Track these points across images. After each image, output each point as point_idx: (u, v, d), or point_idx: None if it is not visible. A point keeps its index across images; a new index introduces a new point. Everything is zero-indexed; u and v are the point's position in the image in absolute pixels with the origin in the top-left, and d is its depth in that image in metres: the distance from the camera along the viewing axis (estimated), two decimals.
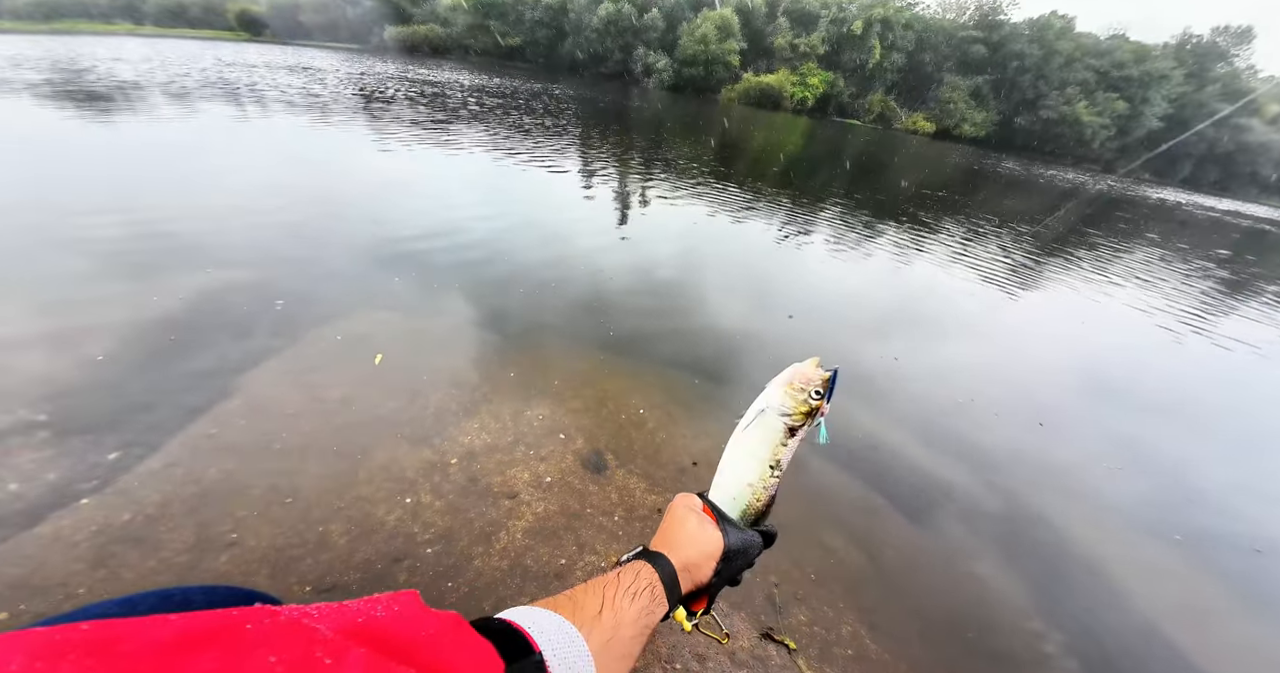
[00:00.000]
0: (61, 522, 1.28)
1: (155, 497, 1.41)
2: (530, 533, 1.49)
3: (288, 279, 2.78)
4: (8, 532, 1.24)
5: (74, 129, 5.70)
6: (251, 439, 1.67)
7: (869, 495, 1.97)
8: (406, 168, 5.56)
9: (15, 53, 13.85)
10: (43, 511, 1.30)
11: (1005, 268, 5.41)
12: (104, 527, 1.28)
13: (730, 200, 6.21)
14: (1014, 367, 3.32)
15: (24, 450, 1.47)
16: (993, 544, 1.88)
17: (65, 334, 2.06)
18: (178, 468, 1.51)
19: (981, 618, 1.58)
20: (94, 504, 1.34)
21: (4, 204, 3.35)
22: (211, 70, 13.14)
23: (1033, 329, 4.00)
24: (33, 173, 4.07)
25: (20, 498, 1.33)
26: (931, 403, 2.66)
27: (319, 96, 10.17)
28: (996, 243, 6.50)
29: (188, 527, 1.33)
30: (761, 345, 2.94)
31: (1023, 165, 24.51)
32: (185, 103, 8.10)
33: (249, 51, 23.08)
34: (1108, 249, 7.48)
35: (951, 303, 4.22)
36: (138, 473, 1.47)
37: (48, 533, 1.25)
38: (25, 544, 1.21)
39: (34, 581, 1.14)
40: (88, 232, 3.06)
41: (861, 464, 2.11)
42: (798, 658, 1.34)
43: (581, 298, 3.12)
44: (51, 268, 2.59)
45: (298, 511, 1.45)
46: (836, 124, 32.66)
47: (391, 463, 1.68)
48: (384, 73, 17.79)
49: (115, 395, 1.77)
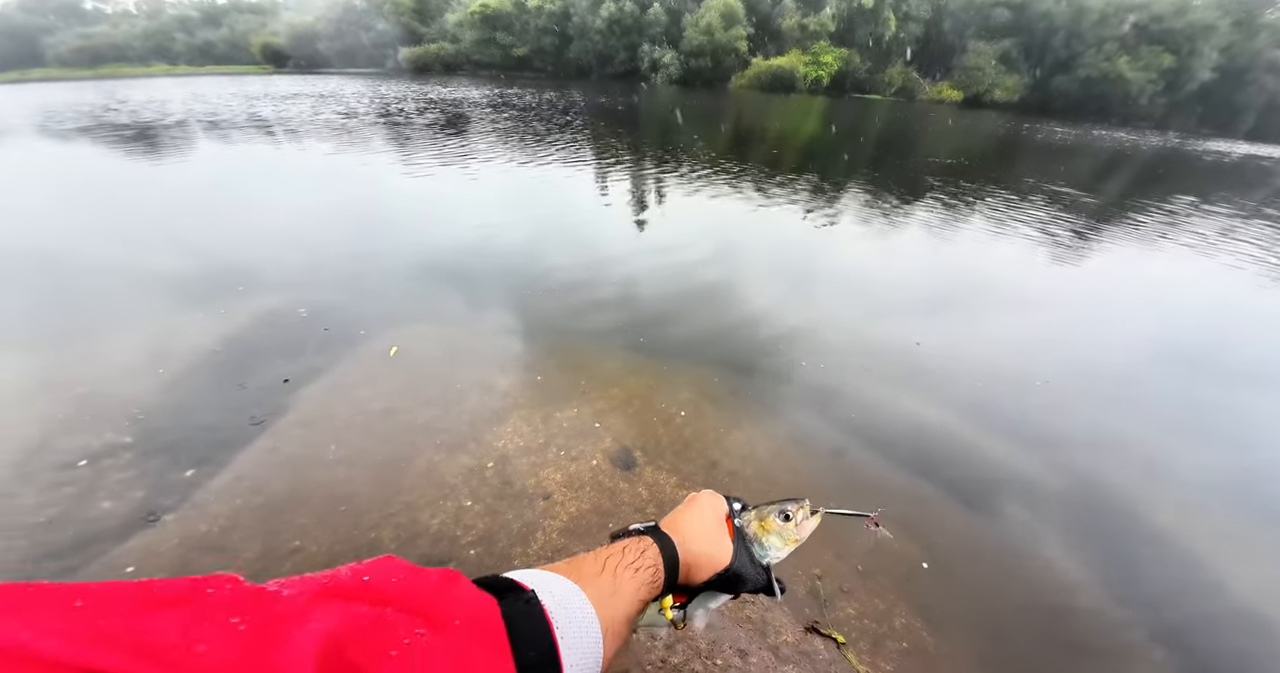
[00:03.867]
0: (149, 536, 1.40)
1: (227, 509, 1.52)
2: (565, 532, 1.54)
3: (330, 300, 2.93)
4: (105, 546, 1.37)
5: (134, 168, 6.07)
6: (307, 452, 1.78)
7: (917, 483, 1.89)
8: (433, 187, 5.71)
9: (73, 99, 14.77)
10: (133, 526, 1.43)
11: (1060, 236, 5.05)
12: (184, 538, 1.40)
13: (748, 191, 6.11)
14: (1081, 340, 3.06)
15: (114, 471, 1.61)
16: (1062, 528, 1.74)
17: (141, 362, 2.22)
18: (244, 481, 1.62)
19: (1053, 606, 1.49)
20: (175, 519, 1.47)
21: (77, 242, 3.61)
22: (243, 106, 13.72)
23: (1099, 299, 3.72)
24: (96, 212, 4.37)
25: (113, 515, 1.46)
26: (983, 383, 2.53)
27: (344, 124, 10.50)
28: (1046, 211, 6.08)
29: (257, 536, 1.44)
30: (789, 338, 2.88)
31: (1067, 128, 22.66)
32: (225, 139, 8.50)
33: (275, 84, 23.97)
34: (1173, 210, 6.84)
35: (998, 278, 3.99)
36: (211, 488, 1.59)
37: (139, 546, 1.37)
38: (120, 557, 1.34)
39: None
40: (153, 262, 3.29)
41: (906, 451, 2.03)
42: (847, 652, 1.30)
43: (603, 299, 3.16)
44: (124, 300, 2.80)
45: (351, 517, 1.54)
46: (855, 101, 31.34)
47: (432, 469, 1.76)
48: (400, 94, 18.21)
49: (187, 416, 1.91)
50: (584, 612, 0.37)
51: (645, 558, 0.47)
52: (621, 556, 0.45)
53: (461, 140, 8.65)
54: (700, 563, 0.52)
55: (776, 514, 0.57)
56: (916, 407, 2.32)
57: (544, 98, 18.38)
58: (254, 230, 4.07)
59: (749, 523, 0.58)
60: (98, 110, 12.49)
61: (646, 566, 0.46)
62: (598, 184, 6.08)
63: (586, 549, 1.44)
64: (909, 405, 2.32)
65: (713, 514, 0.56)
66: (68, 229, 4.00)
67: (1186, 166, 13.11)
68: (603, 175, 6.50)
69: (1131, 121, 37.79)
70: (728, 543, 0.54)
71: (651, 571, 0.47)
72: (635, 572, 0.44)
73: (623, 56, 44.44)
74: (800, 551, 0.56)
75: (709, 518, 0.56)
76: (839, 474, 1.92)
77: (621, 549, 0.46)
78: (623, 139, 9.65)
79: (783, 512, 0.57)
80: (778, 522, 0.56)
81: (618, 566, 0.44)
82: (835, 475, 1.91)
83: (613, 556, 0.45)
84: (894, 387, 2.45)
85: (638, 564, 0.45)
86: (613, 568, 0.43)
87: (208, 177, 5.94)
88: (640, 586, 0.44)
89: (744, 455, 1.93)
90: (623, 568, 0.44)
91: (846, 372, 2.53)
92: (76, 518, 1.44)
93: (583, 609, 0.37)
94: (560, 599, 0.37)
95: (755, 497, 0.61)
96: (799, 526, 0.57)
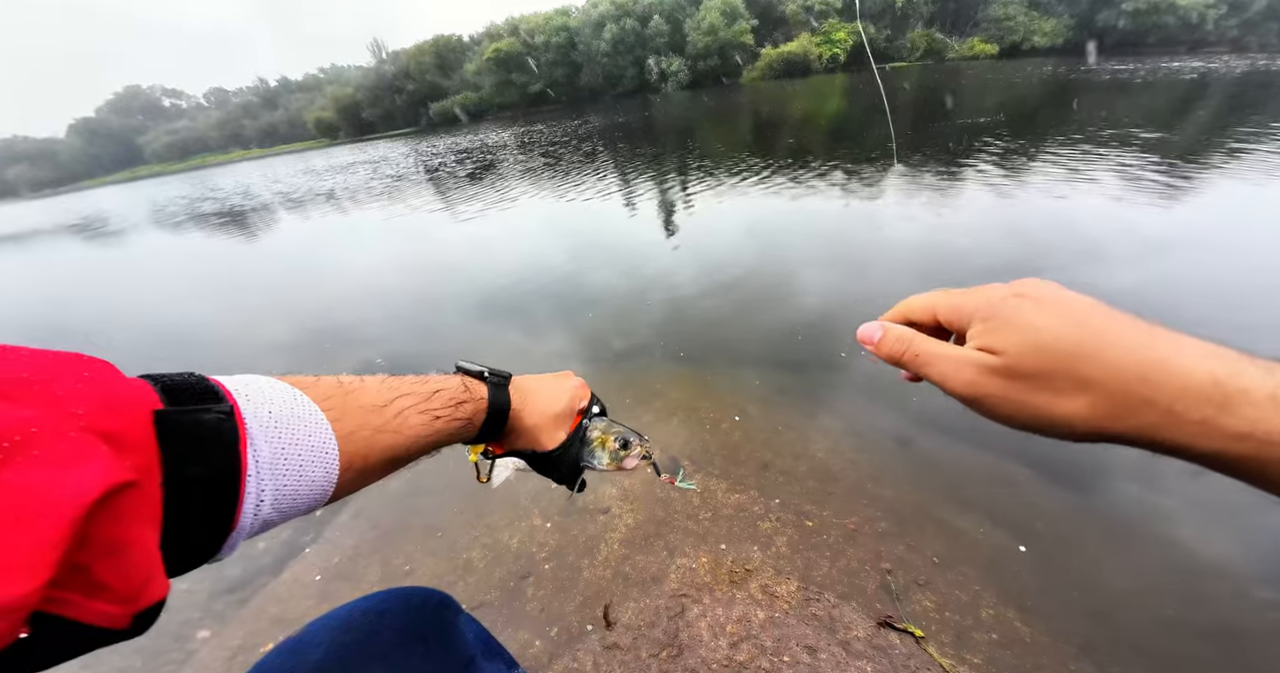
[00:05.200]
0: (295, 568, 1.68)
1: (350, 541, 1.78)
2: (625, 543, 1.68)
3: (402, 348, 3.27)
4: (265, 579, 1.65)
5: (234, 250, 6.93)
6: (406, 486, 2.03)
7: (1002, 465, 1.74)
8: (481, 230, 6.11)
9: (175, 193, 16.85)
10: (283, 560, 1.71)
11: (1150, 180, 4.56)
12: (323, 569, 1.67)
13: (779, 184, 5.97)
14: (1212, 291, 2.69)
15: None
16: (1189, 505, 1.54)
17: None
18: (361, 517, 1.89)
19: (1181, 589, 1.33)
20: (314, 552, 1.74)
21: (194, 330, 4.22)
22: (311, 182, 15.15)
23: (1220, 243, 3.27)
24: (208, 291, 5.06)
25: (268, 552, 1.76)
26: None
27: (396, 185, 11.39)
28: (1124, 156, 5.50)
29: (375, 563, 1.68)
30: (839, 329, 2.78)
31: (1130, 64, 20.04)
32: (302, 213, 9.46)
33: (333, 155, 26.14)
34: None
35: (1085, 235, 3.59)
36: (336, 524, 1.87)
37: (289, 578, 1.65)
38: (277, 588, 1.62)
39: (285, 616, 1.53)
40: (264, 332, 3.79)
41: (987, 432, 1.78)
42: (927, 645, 1.23)
43: (643, 315, 3.27)
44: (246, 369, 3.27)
45: (447, 542, 1.75)
46: (879, 72, 29.62)
47: (507, 494, 1.96)
48: (437, 149, 19.39)
49: None
50: (315, 441, 0.31)
51: (459, 411, 0.43)
52: (426, 401, 0.40)
53: (499, 183, 9.16)
54: (525, 436, 0.52)
55: (618, 438, 0.57)
56: None
57: (565, 128, 18.94)
58: (332, 294, 4.57)
59: (593, 429, 0.58)
60: (196, 201, 14.17)
61: (453, 417, 0.42)
62: (628, 204, 6.24)
63: (645, 558, 1.55)
64: None
65: (567, 403, 0.55)
66: (186, 320, 4.65)
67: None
68: (631, 194, 6.67)
69: (1202, 48, 33.33)
70: (561, 435, 0.53)
71: (460, 424, 0.43)
72: (432, 420, 0.40)
73: (631, 73, 44.94)
74: (861, 542, 0.60)
75: (560, 404, 0.54)
76: (907, 462, 1.83)
77: (430, 393, 0.41)
78: (644, 155, 9.79)
79: (625, 440, 0.57)
80: (615, 444, 0.57)
81: (409, 408, 0.39)
82: (902, 463, 1.82)
83: (412, 397, 0.40)
84: None
85: (440, 413, 0.41)
86: (401, 408, 0.38)
87: (293, 250, 6.68)
88: (433, 433, 0.40)
89: (797, 453, 1.93)
90: (415, 412, 0.39)
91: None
92: (242, 556, 1.75)
93: (315, 437, 0.31)
94: (280, 419, 0.30)
95: (809, 492, 0.62)
96: (628, 458, 0.57)
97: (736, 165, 7.58)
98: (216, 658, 1.42)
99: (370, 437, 0.35)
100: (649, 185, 7.15)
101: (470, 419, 0.45)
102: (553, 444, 0.52)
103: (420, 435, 0.39)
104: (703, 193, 6.27)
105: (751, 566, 1.52)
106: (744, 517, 1.69)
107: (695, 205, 5.74)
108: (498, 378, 0.52)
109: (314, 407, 0.33)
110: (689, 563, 1.59)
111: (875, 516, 1.63)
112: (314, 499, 0.32)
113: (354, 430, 0.34)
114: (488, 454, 0.55)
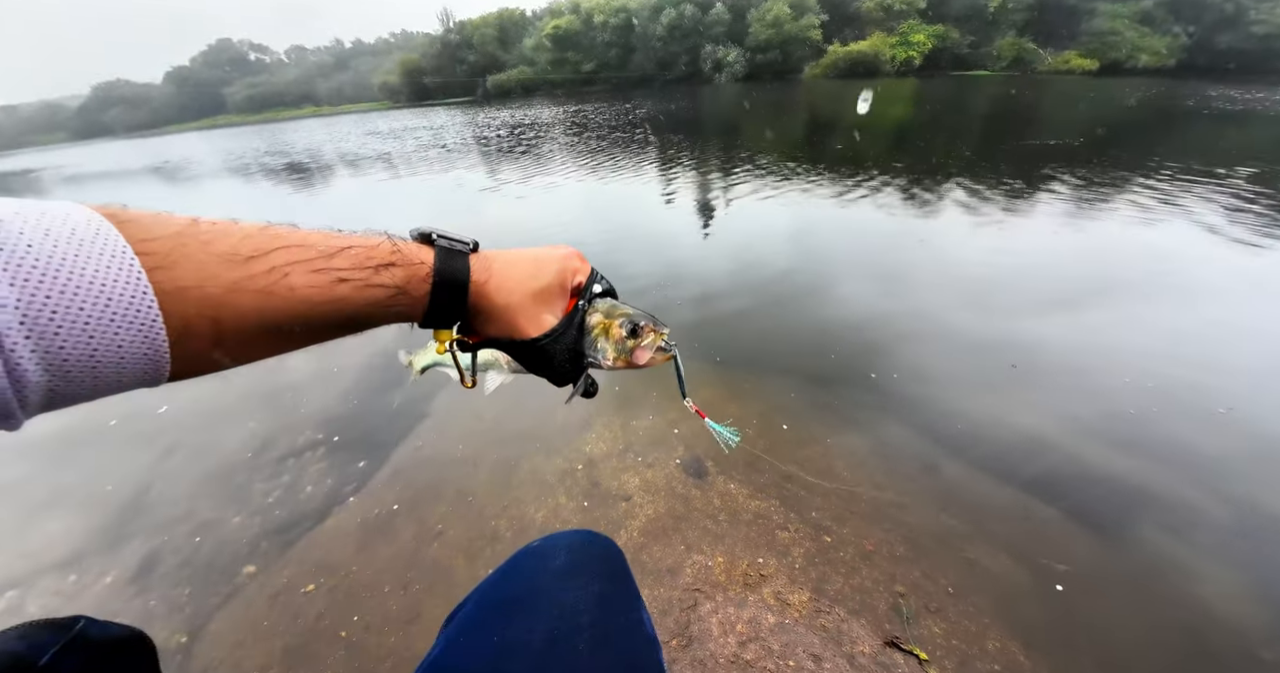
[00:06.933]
0: (339, 516, 1.73)
1: (389, 496, 1.83)
2: (644, 532, 1.67)
3: None
4: (311, 523, 1.71)
5: (293, 198, 7.09)
6: (441, 451, 2.06)
7: (1029, 503, 1.68)
8: (519, 210, 6.08)
9: (249, 145, 17.29)
10: (328, 507, 1.77)
11: (1247, 219, 4.12)
12: (363, 520, 1.71)
13: (829, 188, 5.66)
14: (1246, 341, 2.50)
15: (313, 462, 1.99)
16: (1216, 561, 1.49)
17: (323, 377, 2.67)
18: (400, 475, 1.93)
19: (1192, 648, 1.29)
20: (355, 503, 1.79)
21: None
22: (374, 142, 15.27)
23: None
24: None
25: (314, 498, 1.81)
26: (1115, 394, 2.16)
27: (448, 150, 11.38)
28: (1226, 193, 4.83)
29: (411, 520, 1.72)
30: (877, 346, 2.64)
31: (1252, 92, 17.02)
32: (358, 169, 9.57)
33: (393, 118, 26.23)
34: None
35: (1162, 271, 3.29)
36: (378, 478, 1.91)
37: (331, 525, 1.70)
38: (320, 534, 1.67)
39: (327, 560, 1.58)
40: None
41: (1021, 470, 1.79)
42: (930, 669, 1.23)
43: (677, 312, 3.18)
44: None
45: (476, 508, 1.78)
46: (956, 79, 26.43)
47: (535, 470, 1.97)
48: (491, 121, 19.23)
49: (358, 420, 2.29)
50: (110, 290, 0.23)
51: (379, 275, 0.33)
52: (325, 258, 0.31)
53: (547, 162, 9.05)
54: (498, 319, 0.39)
55: (625, 323, 0.43)
56: (1033, 420, 2.04)
57: (616, 111, 18.50)
58: None
59: (594, 313, 0.44)
60: (266, 155, 14.50)
61: (369, 283, 0.32)
62: (671, 195, 6.08)
63: (662, 549, 1.53)
64: (1026, 419, 2.04)
65: (553, 276, 0.41)
66: None
67: None
68: (675, 186, 6.50)
69: None
70: (548, 318, 0.41)
71: (385, 294, 0.33)
72: (334, 283, 0.31)
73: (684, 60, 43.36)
74: (877, 563, 0.55)
75: (543, 278, 0.41)
76: (932, 490, 1.76)
77: (335, 250, 0.31)
78: (692, 147, 9.49)
79: (633, 325, 0.43)
80: (621, 331, 0.43)
81: (293, 264, 0.29)
82: (927, 491, 1.75)
83: (301, 250, 0.30)
84: (1004, 396, 2.18)
85: (349, 275, 0.31)
86: (278, 263, 0.29)
87: (349, 205, 6.78)
88: (336, 299, 0.31)
89: (821, 469, 1.87)
90: (306, 271, 0.30)
91: (946, 379, 2.32)
92: (290, 501, 1.81)
93: (111, 285, 0.24)
94: (47, 255, 0.22)
95: (830, 508, 0.59)
96: (639, 349, 0.43)
97: (788, 160, 7.26)
98: (260, 596, 1.48)
99: (222, 297, 0.27)
100: (696, 177, 6.93)
101: (403, 288, 0.34)
102: (536, 330, 0.39)
103: (314, 301, 0.30)
104: (752, 190, 6.04)
105: (766, 571, 1.49)
106: (762, 524, 1.65)
107: (738, 203, 5.55)
108: (452, 242, 0.38)
109: (121, 246, 0.24)
110: (705, 560, 1.57)
111: (894, 539, 1.57)
112: (136, 369, 0.25)
113: (192, 285, 0.26)
114: (464, 346, 0.42)
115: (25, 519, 1.86)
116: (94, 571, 1.61)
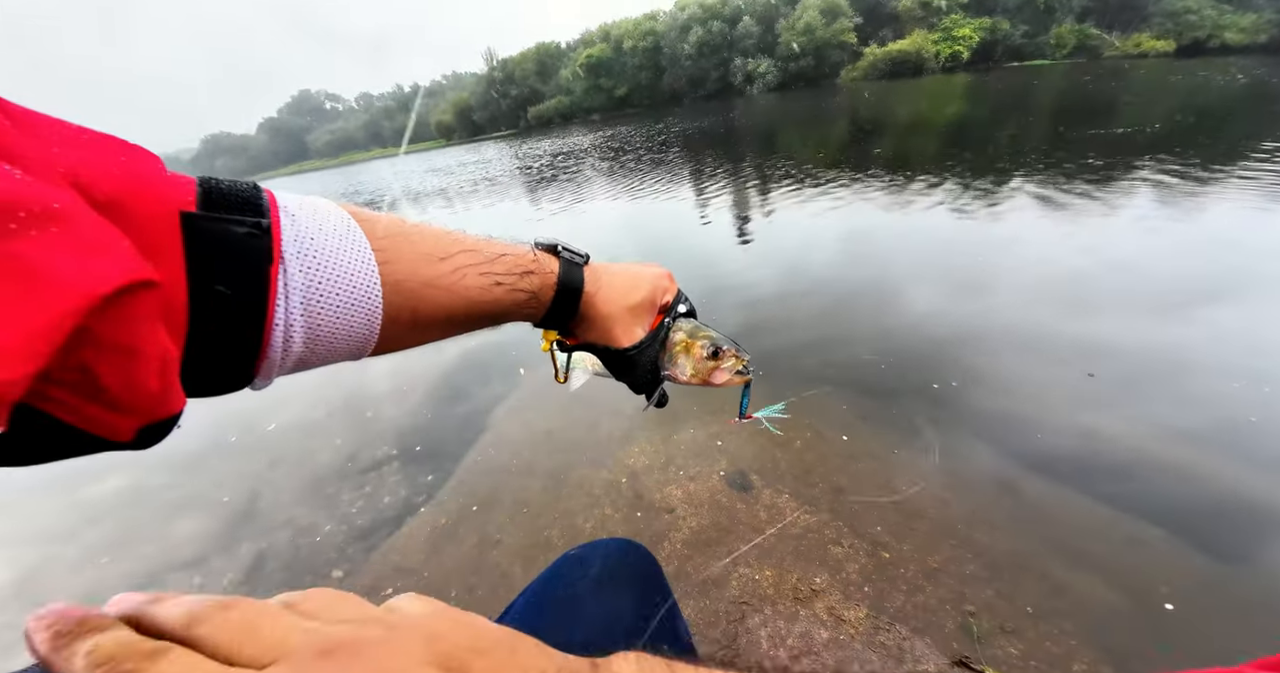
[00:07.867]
0: (412, 524, 1.88)
1: (454, 506, 1.96)
2: (687, 544, 1.68)
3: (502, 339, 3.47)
4: (390, 529, 1.87)
5: None
6: (499, 463, 2.18)
7: (1130, 522, 1.52)
8: (568, 230, 6.34)
9: (330, 186, 19.22)
10: (403, 516, 1.92)
11: None
12: (433, 528, 1.85)
13: (876, 192, 5.39)
14: None
15: (389, 475, 2.18)
16: None
17: (398, 392, 2.91)
18: (464, 485, 2.06)
19: None
20: (426, 512, 1.94)
21: None
22: (433, 180, 16.51)
23: None
24: None
25: (391, 508, 1.98)
26: (1228, 401, 1.90)
27: (498, 182, 12.09)
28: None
29: (474, 529, 1.83)
30: (937, 355, 2.45)
31: None
32: (419, 204, 10.37)
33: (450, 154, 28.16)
34: None
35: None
36: (446, 489, 2.05)
37: (405, 532, 1.85)
38: (397, 541, 1.82)
39: (403, 565, 1.72)
40: None
41: (1116, 484, 1.61)
42: None
43: (721, 324, 3.22)
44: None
45: (531, 518, 1.86)
46: (1012, 71, 24.15)
47: (583, 481, 2.03)
48: (533, 152, 20.21)
49: (427, 434, 2.47)
50: (357, 281, 0.27)
51: (523, 281, 0.37)
52: (489, 263, 0.35)
53: (587, 185, 9.38)
54: (598, 327, 0.43)
55: (708, 345, 0.46)
56: (1126, 430, 1.82)
57: (648, 131, 18.85)
58: None
59: (677, 331, 0.47)
60: (347, 194, 16.03)
61: (515, 287, 0.36)
62: (708, 211, 6.09)
63: (706, 561, 1.53)
64: (1115, 430, 1.83)
65: (647, 293, 0.45)
66: None
67: None
68: (712, 202, 6.50)
69: None
70: (638, 331, 0.44)
71: (523, 297, 0.37)
72: (492, 285, 0.35)
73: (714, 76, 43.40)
74: (943, 581, 0.51)
75: (639, 294, 0.44)
76: (1009, 507, 1.60)
77: (495, 256, 0.36)
78: (725, 162, 9.47)
79: (715, 348, 0.45)
80: (702, 351, 0.45)
81: (469, 266, 0.33)
82: (1003, 508, 1.59)
83: (474, 255, 0.34)
84: (1091, 409, 1.95)
85: (503, 279, 0.35)
86: (461, 265, 0.33)
87: None
88: (492, 300, 0.35)
89: (879, 484, 1.75)
90: (476, 273, 0.34)
91: (1018, 390, 2.11)
92: (370, 509, 1.99)
93: (358, 277, 0.27)
94: (323, 249, 0.26)
95: (889, 524, 0.56)
96: (718, 370, 0.46)
97: (829, 168, 7.07)
98: None
99: (420, 290, 0.31)
100: (733, 191, 6.91)
101: (536, 293, 0.38)
102: (628, 341, 0.43)
103: (476, 300, 0.34)
104: (793, 199, 5.94)
105: (818, 587, 1.45)
106: (813, 538, 1.60)
107: (777, 211, 5.46)
108: (573, 255, 0.43)
109: (365, 243, 0.28)
110: (752, 574, 1.55)
111: (964, 557, 1.47)
112: (353, 346, 0.28)
113: (404, 279, 0.30)
114: (562, 346, 0.46)
115: (164, 521, 2.16)
116: (215, 571, 1.85)
